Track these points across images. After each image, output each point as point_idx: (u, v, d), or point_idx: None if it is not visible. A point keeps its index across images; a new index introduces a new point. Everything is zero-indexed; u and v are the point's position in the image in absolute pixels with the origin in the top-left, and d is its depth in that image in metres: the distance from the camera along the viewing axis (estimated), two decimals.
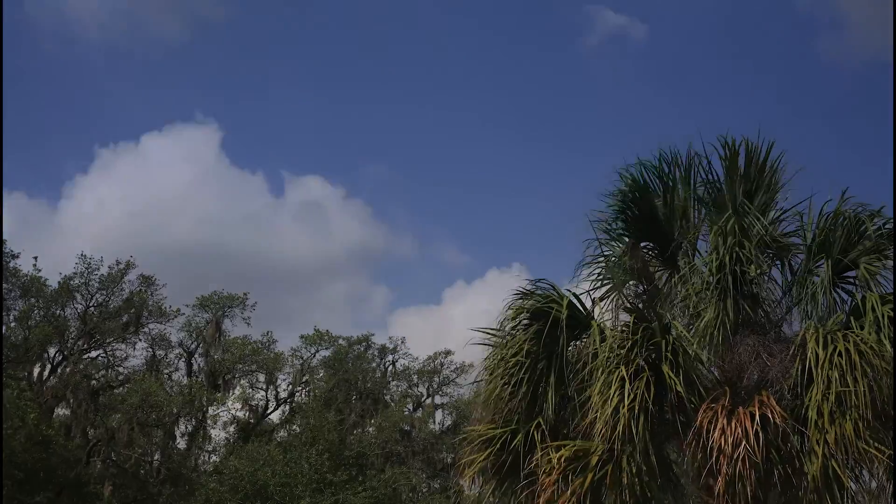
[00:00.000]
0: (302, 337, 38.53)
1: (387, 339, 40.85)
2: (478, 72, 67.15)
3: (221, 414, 35.14)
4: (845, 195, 10.50)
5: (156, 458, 31.78)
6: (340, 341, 38.99)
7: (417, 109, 68.09)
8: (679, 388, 9.43)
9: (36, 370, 31.03)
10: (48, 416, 29.58)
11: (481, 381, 11.16)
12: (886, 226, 10.33)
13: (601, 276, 11.32)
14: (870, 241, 10.32)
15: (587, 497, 9.67)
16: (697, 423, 9.42)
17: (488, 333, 10.93)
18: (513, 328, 10.78)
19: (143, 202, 57.01)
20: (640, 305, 10.88)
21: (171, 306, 33.13)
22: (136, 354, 33.04)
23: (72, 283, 31.20)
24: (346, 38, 65.77)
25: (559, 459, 9.80)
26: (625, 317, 10.49)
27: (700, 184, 11.23)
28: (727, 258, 10.15)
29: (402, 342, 40.72)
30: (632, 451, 9.51)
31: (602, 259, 11.35)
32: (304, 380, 37.71)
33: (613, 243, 11.41)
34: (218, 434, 35.82)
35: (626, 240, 11.33)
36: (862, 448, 9.08)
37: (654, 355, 9.73)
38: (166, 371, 34.22)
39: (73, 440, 29.76)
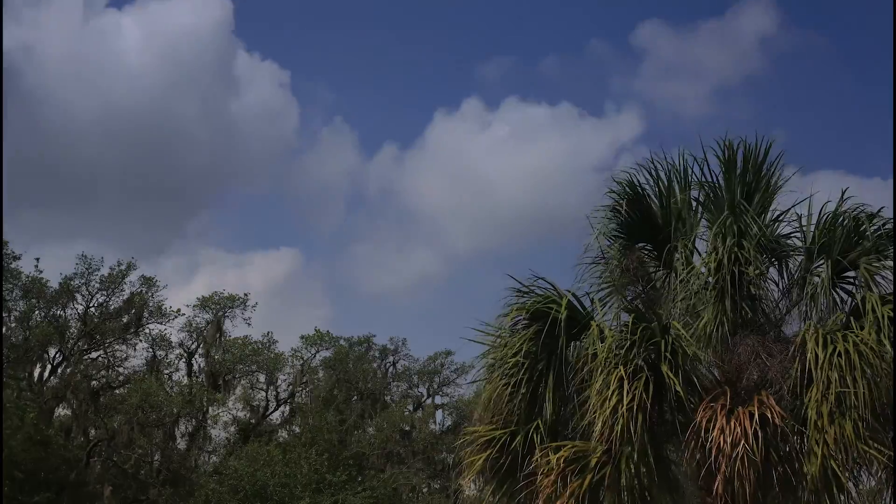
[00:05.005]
0: (302, 337, 38.58)
1: (388, 340, 40.85)
2: None
3: (221, 414, 35.11)
4: (845, 196, 10.51)
5: (156, 458, 31.77)
6: (341, 342, 39.01)
7: None
8: (678, 388, 9.42)
9: (36, 370, 31.08)
10: (48, 417, 29.60)
11: (480, 381, 11.16)
12: (886, 226, 10.32)
13: (601, 277, 11.31)
14: (869, 241, 10.31)
15: (585, 498, 9.66)
16: (696, 422, 9.42)
17: (487, 333, 10.92)
18: (512, 328, 10.78)
19: None
20: (639, 306, 10.88)
21: (171, 307, 33.21)
22: (136, 355, 33.12)
23: (72, 283, 31.23)
24: None
25: (558, 460, 9.79)
26: (624, 317, 10.50)
27: (696, 185, 11.24)
28: (726, 258, 10.15)
29: (403, 343, 40.78)
30: (630, 452, 9.50)
31: (600, 260, 11.34)
32: (304, 380, 37.69)
33: (610, 244, 11.38)
34: (218, 434, 35.84)
35: (622, 241, 11.32)
36: (861, 449, 9.08)
37: (653, 355, 9.73)
38: (167, 371, 34.23)
39: (74, 440, 29.77)
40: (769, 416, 9.22)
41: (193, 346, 35.20)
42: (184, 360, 35.12)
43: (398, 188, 71.95)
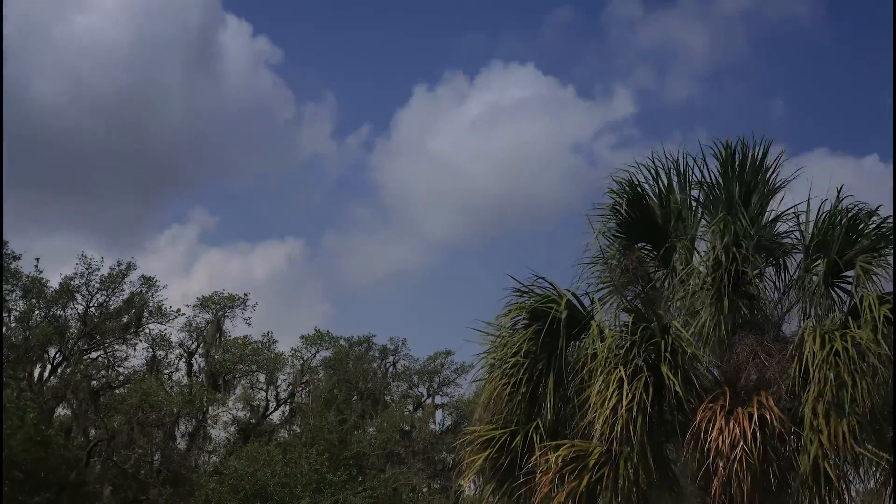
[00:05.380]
0: (302, 337, 38.60)
1: (387, 340, 40.84)
2: None
3: (221, 414, 35.13)
4: (842, 194, 10.53)
5: (156, 458, 31.79)
6: (341, 342, 39.02)
7: None
8: (677, 389, 9.44)
9: (36, 370, 31.09)
10: (48, 417, 29.60)
11: (480, 380, 11.19)
12: (884, 225, 10.34)
13: (600, 277, 11.33)
14: (868, 240, 10.33)
15: (584, 497, 9.68)
16: (696, 423, 9.44)
17: (487, 333, 10.94)
18: (511, 327, 10.81)
19: None
20: (639, 306, 10.90)
21: (171, 307, 33.22)
22: (136, 355, 33.12)
23: (72, 283, 31.25)
24: None
25: (557, 460, 9.81)
26: (624, 317, 10.52)
27: (695, 185, 11.27)
28: (724, 258, 10.16)
29: (403, 343, 40.78)
30: (630, 452, 9.53)
31: (600, 260, 11.36)
32: (304, 380, 37.72)
33: (609, 243, 11.40)
34: (218, 434, 35.85)
35: (622, 240, 11.35)
36: (858, 449, 9.10)
37: (652, 355, 9.75)
38: (166, 371, 34.24)
39: (74, 440, 29.79)
40: (768, 417, 9.24)
41: (193, 346, 35.26)
42: (184, 359, 35.15)
43: (377, 175, 70.82)
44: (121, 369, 32.70)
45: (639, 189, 11.24)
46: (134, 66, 56.58)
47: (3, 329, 29.41)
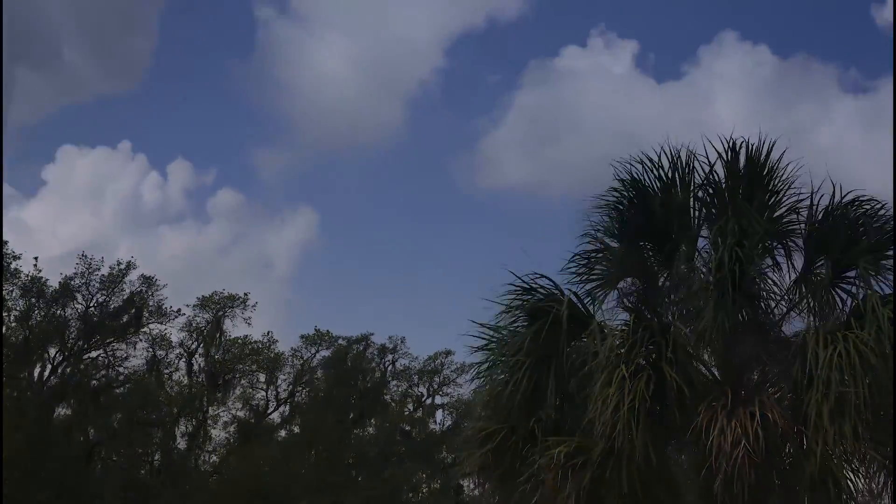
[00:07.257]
0: (302, 337, 38.56)
1: (386, 339, 40.74)
2: None
3: (221, 414, 35.12)
4: (845, 195, 10.51)
5: (156, 458, 31.79)
6: (340, 341, 38.99)
7: None
8: (679, 388, 9.43)
9: (36, 370, 31.08)
10: (48, 417, 29.60)
11: (481, 379, 11.18)
12: (886, 225, 10.33)
13: (602, 275, 11.31)
14: (870, 240, 10.32)
15: (586, 495, 9.66)
16: (697, 423, 9.42)
17: (488, 328, 10.93)
18: (512, 325, 10.80)
19: None
20: (640, 305, 10.89)
21: (171, 306, 33.23)
22: (136, 354, 33.09)
23: (72, 283, 31.25)
24: None
25: (559, 456, 9.79)
26: (625, 316, 10.51)
27: (698, 184, 11.23)
28: (727, 258, 10.13)
29: (402, 342, 40.72)
30: (632, 451, 9.50)
31: (601, 258, 11.34)
32: (304, 380, 37.71)
33: (611, 242, 11.38)
34: (218, 434, 35.84)
35: (624, 238, 11.32)
36: (861, 449, 9.08)
37: (654, 354, 9.74)
38: (167, 371, 34.22)
39: (74, 440, 29.79)
40: (770, 416, 9.23)
41: (193, 346, 35.24)
42: (184, 359, 35.13)
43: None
44: (121, 369, 32.72)
45: (640, 186, 11.22)
46: None
47: (3, 329, 29.41)
